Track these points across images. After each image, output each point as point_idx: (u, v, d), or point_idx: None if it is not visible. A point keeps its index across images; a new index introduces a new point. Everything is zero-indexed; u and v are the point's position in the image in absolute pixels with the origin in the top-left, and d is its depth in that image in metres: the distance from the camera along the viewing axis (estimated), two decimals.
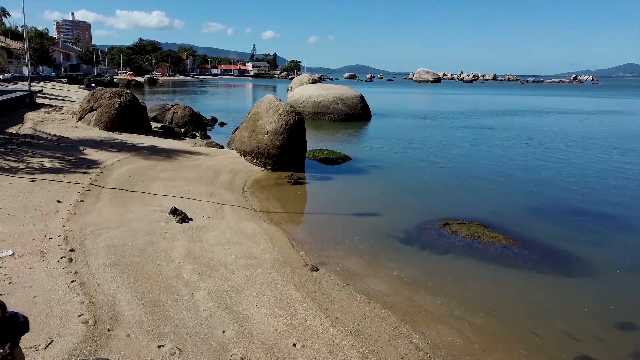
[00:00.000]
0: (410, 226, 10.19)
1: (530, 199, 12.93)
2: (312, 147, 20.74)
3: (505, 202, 12.55)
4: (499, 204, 12.34)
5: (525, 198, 12.98)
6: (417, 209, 11.64)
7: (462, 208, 11.80)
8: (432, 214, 11.09)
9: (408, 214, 11.20)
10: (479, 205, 12.14)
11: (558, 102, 63.29)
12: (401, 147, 21.33)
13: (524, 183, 14.78)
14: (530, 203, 12.47)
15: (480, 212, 11.45)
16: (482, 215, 11.14)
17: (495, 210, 11.62)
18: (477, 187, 14.18)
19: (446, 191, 13.60)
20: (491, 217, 11.00)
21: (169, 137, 21.54)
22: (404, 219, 10.75)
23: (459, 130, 28.02)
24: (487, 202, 12.51)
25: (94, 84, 77.07)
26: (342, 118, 32.19)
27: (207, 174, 13.57)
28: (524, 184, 14.62)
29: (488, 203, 12.43)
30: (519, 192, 13.69)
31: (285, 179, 14.26)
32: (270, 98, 15.97)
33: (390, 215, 11.08)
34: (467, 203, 12.35)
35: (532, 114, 41.46)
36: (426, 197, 12.99)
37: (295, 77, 41.02)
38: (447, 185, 14.31)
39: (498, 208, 11.91)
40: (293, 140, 15.33)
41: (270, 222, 10.04)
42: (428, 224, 10.36)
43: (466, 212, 11.34)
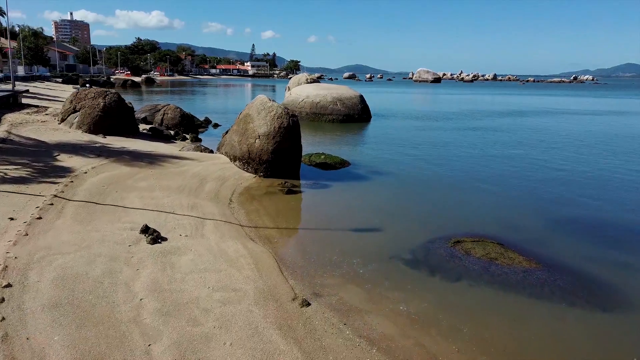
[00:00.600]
0: (416, 244, 8.97)
1: (548, 211, 11.68)
2: (309, 150, 19.53)
3: (520, 215, 11.30)
4: (514, 217, 11.10)
5: (543, 210, 11.73)
6: (423, 223, 10.42)
7: (473, 222, 10.57)
8: (441, 229, 9.87)
9: (414, 230, 9.98)
10: (492, 219, 10.90)
11: (561, 103, 62.10)
12: (403, 151, 20.10)
13: (539, 193, 13.54)
14: (549, 216, 11.23)
15: (494, 226, 10.23)
16: (497, 230, 9.92)
17: (511, 225, 10.39)
18: (489, 197, 12.95)
19: (455, 202, 12.36)
20: (507, 233, 9.77)
21: (157, 140, 20.31)
22: (409, 236, 9.53)
23: (463, 133, 26.79)
24: (500, 215, 11.27)
25: (88, 84, 75.91)
26: (341, 119, 30.97)
27: (191, 182, 12.34)
28: (540, 194, 13.38)
29: (502, 216, 11.19)
30: (534, 203, 12.43)
31: (278, 187, 13.04)
32: (262, 99, 14.74)
33: (394, 230, 9.86)
34: (478, 216, 11.11)
35: (536, 115, 40.26)
36: (433, 208, 11.74)
37: (293, 77, 39.78)
38: (455, 195, 13.07)
39: (513, 222, 10.68)
40: (287, 144, 14.10)
41: (258, 240, 8.81)
42: (437, 241, 9.13)
43: (479, 227, 10.12)
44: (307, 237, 9.30)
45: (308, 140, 23.32)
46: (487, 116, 38.03)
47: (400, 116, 36.74)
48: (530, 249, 8.87)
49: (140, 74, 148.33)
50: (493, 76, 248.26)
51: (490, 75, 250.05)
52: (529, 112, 43.53)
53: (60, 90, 59.05)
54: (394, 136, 24.74)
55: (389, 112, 39.39)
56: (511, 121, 34.38)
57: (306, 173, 15.06)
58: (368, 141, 23.07)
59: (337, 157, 16.84)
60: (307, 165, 16.43)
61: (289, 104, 33.37)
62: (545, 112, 44.05)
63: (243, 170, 14.36)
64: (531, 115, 40.22)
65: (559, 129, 29.61)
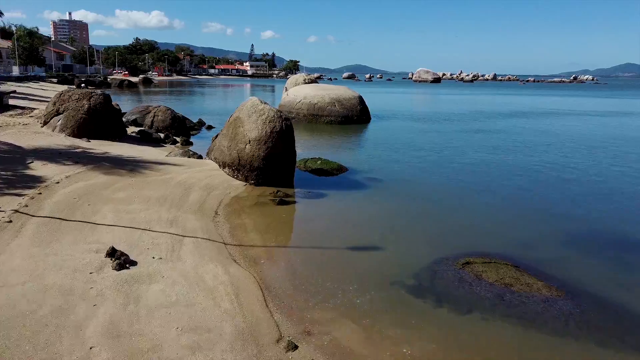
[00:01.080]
0: (421, 266, 7.98)
1: (564, 225, 10.67)
2: (305, 154, 18.55)
3: (534, 230, 10.29)
4: (527, 233, 10.08)
5: (558, 224, 10.72)
6: (427, 240, 9.43)
7: (483, 238, 9.58)
8: (447, 247, 8.88)
9: (417, 248, 8.99)
10: (502, 234, 9.90)
11: (565, 103, 61.12)
12: (404, 156, 19.10)
13: (552, 204, 12.51)
14: (566, 231, 10.23)
15: (505, 244, 9.24)
16: (509, 249, 8.92)
17: (524, 242, 9.39)
18: (497, 209, 11.94)
19: (461, 214, 11.34)
20: (521, 252, 8.78)
21: (145, 143, 19.32)
22: (412, 255, 8.54)
23: (466, 136, 25.79)
24: (511, 230, 10.26)
25: (84, 84, 74.92)
26: (339, 121, 29.97)
27: (175, 192, 11.34)
28: (553, 205, 12.35)
29: (513, 231, 10.18)
30: (548, 215, 11.40)
31: (269, 196, 12.05)
32: (253, 101, 13.74)
33: (395, 249, 8.86)
34: (487, 231, 10.11)
35: (541, 116, 39.24)
36: (437, 222, 10.73)
37: (291, 77, 38.78)
38: (461, 207, 12.06)
39: (527, 238, 9.67)
40: (280, 150, 13.10)
41: (243, 262, 7.82)
42: (443, 262, 8.14)
43: (489, 245, 9.13)
44: (299, 258, 8.30)
45: (304, 143, 22.34)
46: (489, 117, 37.04)
47: (400, 117, 35.75)
48: (549, 272, 7.88)
49: (138, 74, 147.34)
50: (493, 76, 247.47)
51: (490, 75, 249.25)
52: (533, 113, 42.53)
53: (53, 90, 58.00)
54: (394, 139, 23.74)
55: (389, 113, 38.40)
56: (515, 123, 33.37)
57: (301, 180, 14.07)
58: (367, 144, 22.07)
59: (334, 163, 15.85)
60: (302, 170, 15.45)
61: (286, 105, 32.39)
62: (549, 113, 43.05)
63: (233, 178, 13.37)
64: (535, 116, 39.22)
65: (567, 132, 28.61)
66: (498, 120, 35.19)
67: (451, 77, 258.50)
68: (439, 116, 37.32)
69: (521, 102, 61.66)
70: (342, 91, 31.95)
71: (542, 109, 47.59)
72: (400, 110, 43.52)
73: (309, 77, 37.79)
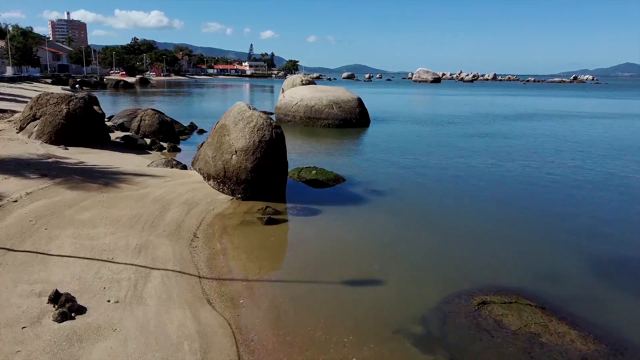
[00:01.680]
0: (429, 306, 6.75)
1: (597, 251, 9.35)
2: (300, 161, 17.34)
3: (561, 258, 8.96)
4: (553, 262, 8.80)
5: (590, 250, 9.37)
6: (435, 270, 8.18)
7: (499, 268, 8.34)
8: (459, 280, 7.65)
9: (424, 280, 7.76)
10: (522, 264, 8.64)
11: (568, 104, 59.89)
12: (405, 164, 17.84)
13: (579, 223, 11.10)
14: (601, 259, 8.92)
15: (527, 276, 7.99)
16: (532, 283, 7.68)
17: (550, 274, 8.14)
18: (514, 231, 10.67)
19: (472, 237, 10.08)
20: (546, 287, 7.54)
21: (129, 150, 18.09)
22: (418, 291, 7.31)
23: (471, 141, 24.53)
24: (533, 258, 8.98)
25: (79, 84, 73.64)
26: (337, 124, 28.73)
27: (150, 210, 10.10)
28: (580, 225, 10.92)
29: (535, 259, 8.91)
30: (575, 238, 10.06)
31: (257, 213, 10.82)
32: (240, 106, 12.49)
33: (398, 282, 7.63)
34: (505, 259, 8.85)
35: (548, 118, 37.96)
36: (445, 246, 9.46)
37: (288, 78, 37.55)
38: (472, 228, 10.80)
39: (553, 269, 8.40)
40: (269, 161, 11.86)
41: (218, 303, 6.59)
42: (455, 301, 6.91)
43: (507, 277, 7.90)
44: (285, 295, 7.06)
45: (300, 148, 21.12)
46: (494, 120, 35.80)
47: (401, 120, 34.51)
48: (582, 315, 6.64)
49: (136, 74, 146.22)
50: (493, 76, 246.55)
51: (490, 75, 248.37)
52: (537, 115, 41.25)
53: (46, 91, 56.75)
54: (395, 145, 22.50)
55: (389, 116, 37.16)
56: (521, 126, 32.11)
57: (294, 192, 12.84)
58: (366, 151, 20.82)
59: (330, 173, 14.61)
60: (295, 181, 14.23)
61: (282, 107, 31.18)
62: (554, 115, 41.79)
63: (218, 191, 12.13)
64: (540, 118, 37.97)
65: (577, 135, 27.33)
66: (503, 122, 33.95)
67: (451, 77, 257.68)
68: (440, 119, 36.08)
69: (524, 103, 60.45)
70: (340, 93, 30.71)
71: (546, 111, 46.35)
72: (400, 112, 42.29)
73: (306, 77, 36.54)
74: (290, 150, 20.53)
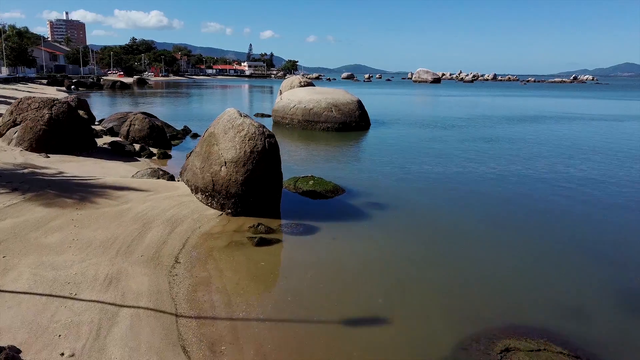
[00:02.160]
0: (443, 354, 5.75)
1: (634, 285, 8.38)
2: (297, 169, 16.38)
3: (593, 290, 7.84)
4: (584, 294, 7.68)
5: (625, 283, 8.33)
6: (448, 308, 7.16)
7: (521, 301, 7.32)
8: (476, 320, 6.65)
9: (435, 318, 6.75)
10: (548, 296, 7.56)
11: (572, 106, 58.91)
12: (409, 173, 16.85)
13: (609, 250, 9.94)
14: (633, 293, 7.95)
15: (554, 313, 6.98)
16: (560, 321, 6.68)
17: (582, 310, 7.11)
18: (538, 259, 9.61)
19: (487, 262, 9.05)
20: (577, 327, 6.54)
21: (116, 157, 17.09)
22: (428, 335, 6.31)
23: (477, 145, 23.54)
24: (560, 289, 7.86)
25: (74, 85, 72.63)
26: (336, 127, 27.73)
27: (129, 230, 9.10)
28: (611, 253, 9.80)
29: (562, 291, 7.78)
30: (606, 265, 9.05)
31: (248, 232, 9.84)
32: (230, 113, 11.48)
33: (405, 321, 6.62)
34: (526, 290, 7.80)
35: (554, 121, 36.91)
36: (459, 277, 8.37)
37: (285, 79, 36.54)
38: (487, 250, 9.78)
39: (585, 304, 7.34)
40: (262, 173, 10.86)
41: (195, 352, 5.59)
42: (473, 347, 5.92)
43: (531, 313, 6.90)
44: (274, 339, 6.06)
45: (297, 154, 20.12)
46: (499, 123, 34.80)
47: (402, 123, 33.50)
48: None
49: (134, 74, 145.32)
50: (493, 76, 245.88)
51: (490, 76, 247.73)
52: (542, 117, 40.22)
53: (40, 92, 55.86)
54: (397, 150, 21.50)
55: (390, 118, 36.15)
56: (528, 129, 31.09)
57: (289, 206, 11.86)
58: (366, 157, 19.81)
59: (328, 183, 13.62)
60: (291, 192, 13.25)
61: (279, 109, 30.20)
62: (561, 117, 40.75)
63: (206, 206, 11.13)
64: (546, 121, 36.96)
65: (590, 141, 26.31)
66: (507, 125, 32.95)
67: (450, 77, 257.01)
68: (443, 121, 35.07)
69: (526, 104, 59.45)
70: (339, 95, 29.70)
71: (551, 113, 45.33)
72: (401, 114, 41.29)
73: (305, 79, 35.53)
74: (287, 156, 19.58)
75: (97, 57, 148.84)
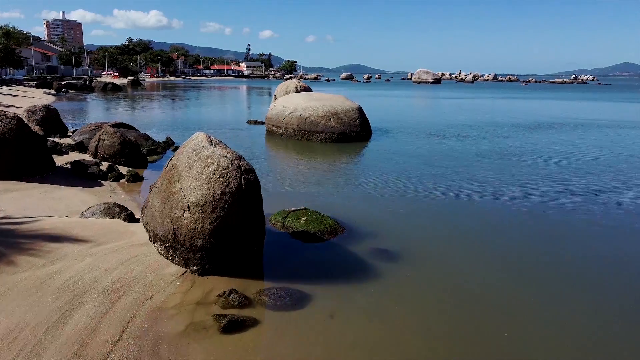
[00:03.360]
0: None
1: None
2: (287, 195, 13.90)
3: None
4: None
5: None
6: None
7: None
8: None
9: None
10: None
11: (584, 110, 56.41)
12: (423, 202, 14.30)
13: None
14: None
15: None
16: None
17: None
18: (594, 326, 7.15)
19: (535, 339, 6.52)
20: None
21: (77, 181, 14.55)
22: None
23: (500, 162, 20.97)
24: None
25: (64, 88, 70.11)
26: (335, 138, 25.19)
27: (47, 310, 6.55)
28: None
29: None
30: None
31: (216, 304, 7.32)
32: (198, 140, 8.89)
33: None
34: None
35: (573, 128, 34.21)
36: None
37: (280, 84, 34.01)
38: (534, 321, 7.26)
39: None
40: (236, 220, 8.31)
41: None
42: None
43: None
44: None
45: (289, 173, 17.56)
46: (513, 131, 32.23)
47: (407, 132, 30.94)
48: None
49: (129, 75, 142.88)
50: (493, 76, 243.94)
51: (490, 76, 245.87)
52: (560, 124, 37.38)
53: (24, 96, 53.34)
54: (404, 169, 18.95)
55: (393, 125, 33.62)
56: (548, 140, 28.51)
57: (275, 253, 9.35)
58: (369, 179, 17.22)
59: (325, 220, 11.09)
60: (279, 231, 10.74)
61: (273, 118, 27.65)
62: (579, 124, 38.15)
63: (167, 260, 8.59)
64: (565, 129, 34.32)
65: (620, 153, 23.85)
66: (523, 134, 30.40)
67: (450, 78, 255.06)
68: (452, 130, 32.51)
69: (536, 108, 56.88)
70: (338, 102, 27.15)
71: (567, 118, 42.77)
72: (405, 120, 38.74)
73: (301, 84, 32.99)
74: (278, 177, 17.00)
75: (91, 57, 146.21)
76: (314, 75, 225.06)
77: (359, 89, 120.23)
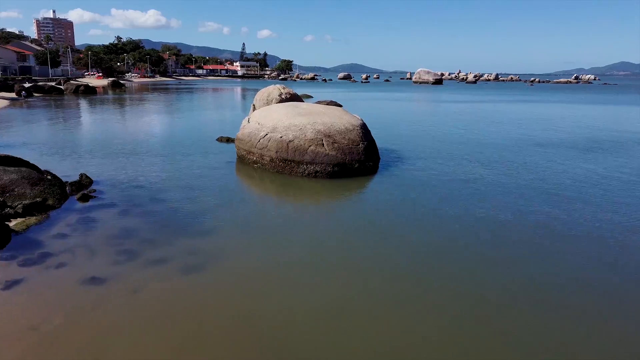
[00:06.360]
0: None
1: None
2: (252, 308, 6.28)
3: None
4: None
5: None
6: None
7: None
8: None
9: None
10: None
11: (614, 118, 49.20)
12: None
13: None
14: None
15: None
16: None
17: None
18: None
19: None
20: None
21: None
22: None
23: (557, 219, 13.63)
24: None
25: (24, 91, 62.31)
26: (329, 171, 17.73)
27: None
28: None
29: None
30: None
31: None
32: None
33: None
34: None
35: (610, 148, 27.06)
36: None
37: (260, 90, 26.47)
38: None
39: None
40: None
41: None
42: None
43: None
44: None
45: (253, 252, 9.86)
46: (558, 153, 24.84)
47: (424, 155, 23.44)
48: None
49: (115, 75, 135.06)
50: (495, 76, 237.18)
51: (492, 76, 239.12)
52: (619, 142, 30.34)
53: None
54: (451, 232, 11.51)
55: (404, 145, 26.15)
56: (592, 166, 21.21)
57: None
58: (380, 268, 9.77)
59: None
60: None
61: (244, 139, 20.16)
62: (629, 140, 30.88)
63: None
64: (601, 150, 27.10)
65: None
66: (563, 157, 23.01)
67: (451, 77, 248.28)
68: (479, 151, 24.98)
69: (569, 116, 49.22)
70: (334, 117, 19.65)
71: (625, 132, 35.48)
72: (421, 136, 31.18)
73: (286, 91, 25.52)
74: (232, 264, 9.17)
75: (74, 57, 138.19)
76: (310, 75, 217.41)
77: (358, 89, 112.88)
